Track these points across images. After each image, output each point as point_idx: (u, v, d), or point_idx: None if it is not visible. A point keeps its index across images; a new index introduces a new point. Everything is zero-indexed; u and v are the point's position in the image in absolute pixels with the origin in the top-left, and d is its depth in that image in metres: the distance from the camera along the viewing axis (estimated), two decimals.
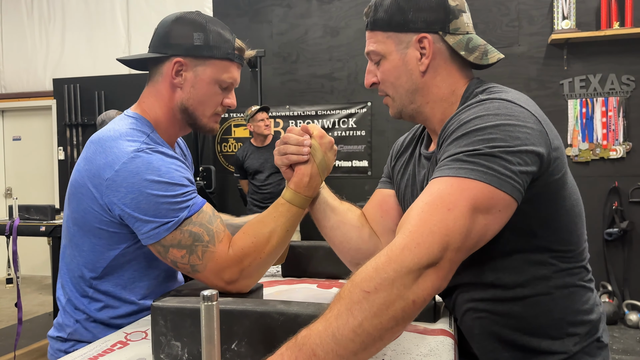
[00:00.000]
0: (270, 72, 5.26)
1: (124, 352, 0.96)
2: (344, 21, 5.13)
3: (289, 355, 0.72)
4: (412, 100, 1.05)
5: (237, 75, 1.21)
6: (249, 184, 4.55)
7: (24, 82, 6.24)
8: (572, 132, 4.53)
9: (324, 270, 1.54)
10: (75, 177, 1.14)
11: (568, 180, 0.95)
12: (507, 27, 4.66)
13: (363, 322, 0.71)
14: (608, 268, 4.40)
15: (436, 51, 1.01)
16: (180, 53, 1.15)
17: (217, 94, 1.19)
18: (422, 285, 0.74)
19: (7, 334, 4.09)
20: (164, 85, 1.18)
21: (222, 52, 1.16)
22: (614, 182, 4.43)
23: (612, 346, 3.67)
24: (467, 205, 0.78)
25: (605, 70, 4.45)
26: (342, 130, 5.16)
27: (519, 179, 0.82)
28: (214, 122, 1.24)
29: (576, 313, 0.97)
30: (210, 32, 1.15)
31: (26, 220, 3.27)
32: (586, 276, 1.00)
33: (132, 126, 1.14)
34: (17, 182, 6.49)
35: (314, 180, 1.11)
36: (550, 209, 0.92)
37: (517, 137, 0.83)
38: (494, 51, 1.04)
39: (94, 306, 1.16)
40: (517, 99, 0.90)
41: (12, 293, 5.33)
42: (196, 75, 1.16)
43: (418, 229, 0.76)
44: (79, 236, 1.14)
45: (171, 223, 1.04)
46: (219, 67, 1.17)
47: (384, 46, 1.03)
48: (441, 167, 0.85)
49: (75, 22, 6.01)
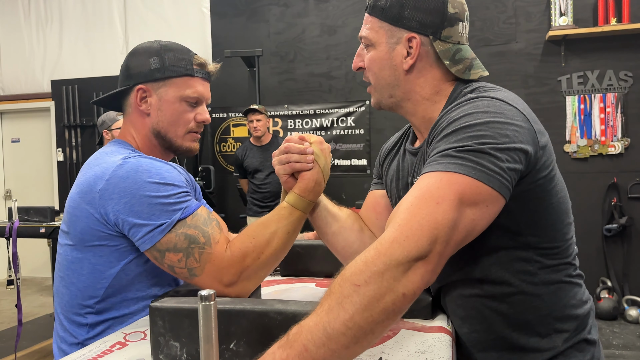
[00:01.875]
0: (268, 71, 5.26)
1: (123, 353, 0.97)
2: (341, 20, 5.13)
3: (280, 354, 0.72)
4: (392, 94, 1.05)
5: (202, 89, 1.23)
6: (249, 183, 4.55)
7: (22, 84, 6.23)
8: (570, 129, 4.53)
9: (323, 269, 1.54)
10: (69, 204, 1.14)
11: (556, 177, 0.95)
12: (504, 24, 4.66)
13: (354, 315, 0.72)
14: (607, 264, 4.40)
15: (423, 53, 1.01)
16: (141, 80, 1.19)
17: (185, 112, 1.21)
18: (411, 278, 0.74)
19: (8, 336, 4.10)
20: (135, 116, 1.22)
21: (180, 69, 1.19)
22: (613, 178, 4.43)
23: (612, 341, 3.67)
24: (455, 199, 0.79)
25: (603, 66, 4.45)
26: (341, 128, 5.16)
27: (507, 176, 0.82)
28: (190, 140, 1.25)
29: (563, 309, 0.97)
30: (165, 54, 1.19)
31: (26, 222, 3.27)
32: (573, 271, 1.00)
33: (116, 147, 1.18)
34: (16, 184, 6.49)
35: (319, 185, 1.12)
36: (537, 207, 0.93)
37: (506, 135, 0.84)
38: (479, 67, 1.03)
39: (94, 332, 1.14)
40: (505, 97, 0.91)
41: (12, 295, 5.33)
42: (160, 97, 1.19)
43: (407, 223, 0.77)
44: (78, 261, 1.12)
45: (165, 225, 1.03)
46: (180, 84, 1.19)
47: (375, 35, 1.03)
48: (431, 163, 0.86)
49: (73, 23, 6.01)
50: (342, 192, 5.07)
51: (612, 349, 3.53)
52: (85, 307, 1.14)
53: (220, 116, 5.47)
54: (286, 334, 0.74)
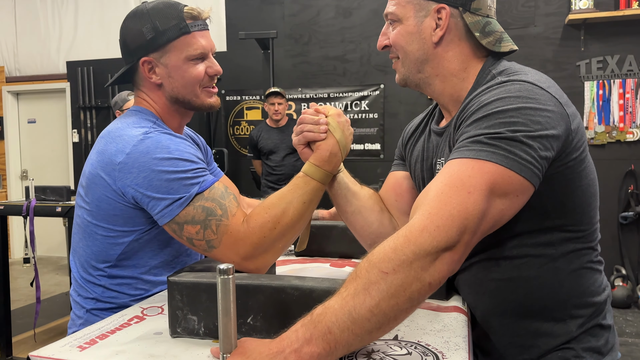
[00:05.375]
0: (282, 54, 5.23)
1: (140, 327, 0.98)
2: (356, 1, 5.07)
3: (304, 332, 0.73)
4: (420, 70, 1.03)
5: (203, 42, 1.20)
6: (263, 164, 4.54)
7: (38, 65, 6.28)
8: (588, 115, 4.47)
9: (337, 250, 1.55)
10: (87, 169, 1.16)
11: (587, 158, 0.94)
12: (523, 8, 4.58)
13: (380, 302, 0.72)
14: (622, 252, 4.37)
15: (452, 25, 0.99)
16: (142, 54, 1.19)
17: (195, 70, 1.19)
18: (438, 268, 0.74)
19: (25, 313, 4.18)
20: (148, 88, 1.23)
21: (174, 31, 1.17)
22: (630, 166, 4.37)
23: (626, 329, 3.65)
24: (486, 189, 0.78)
25: (623, 51, 4.37)
26: (355, 113, 5.13)
27: (538, 165, 0.81)
28: (208, 96, 1.24)
29: (581, 295, 0.96)
30: (155, 19, 1.16)
31: (42, 201, 3.31)
32: (595, 258, 0.98)
33: (137, 116, 1.19)
34: (32, 164, 6.58)
35: (335, 156, 1.10)
36: (566, 189, 0.91)
37: (538, 122, 0.82)
38: (509, 41, 1.02)
39: (108, 294, 1.19)
40: (537, 81, 0.89)
41: (28, 273, 5.44)
42: (166, 65, 1.19)
43: (438, 212, 0.76)
44: (93, 226, 1.16)
45: (183, 199, 1.05)
46: (180, 46, 1.18)
47: (403, 10, 1.01)
48: (460, 149, 0.84)
49: (88, 4, 6.02)
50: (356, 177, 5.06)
51: (625, 337, 3.51)
52: (97, 270, 1.19)
53: (234, 99, 5.46)
54: (310, 313, 0.75)
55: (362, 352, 0.83)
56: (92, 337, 0.92)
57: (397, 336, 0.90)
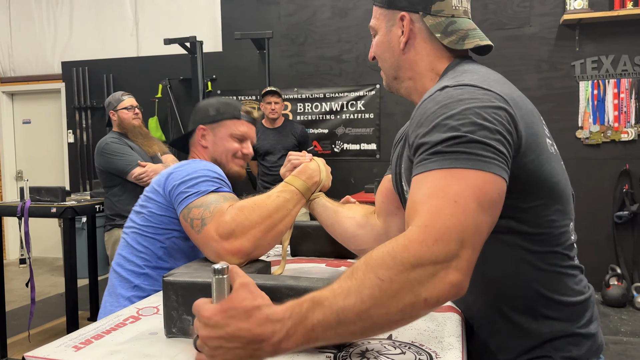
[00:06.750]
0: (278, 54, 5.24)
1: (135, 327, 0.98)
2: (352, 2, 5.08)
3: (290, 326, 0.71)
4: (396, 76, 1.09)
5: (247, 129, 1.61)
6: (259, 165, 4.54)
7: (32, 66, 6.26)
8: (583, 114, 4.49)
9: (333, 250, 1.55)
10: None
11: (544, 163, 0.91)
12: (518, 8, 4.59)
13: (370, 309, 0.71)
14: (617, 251, 4.39)
15: (415, 30, 1.03)
16: (201, 123, 1.61)
17: (232, 145, 1.59)
18: (437, 285, 0.72)
19: (20, 314, 4.17)
20: (198, 148, 1.62)
21: (229, 114, 1.60)
22: (625, 165, 4.39)
23: (621, 328, 3.67)
24: (469, 195, 0.76)
25: (617, 51, 4.39)
26: (351, 112, 5.14)
27: (501, 159, 0.80)
28: (237, 166, 1.62)
29: (551, 295, 0.94)
30: (220, 104, 1.61)
31: (37, 202, 3.30)
32: (563, 262, 0.96)
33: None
34: (27, 165, 6.56)
35: (315, 172, 1.34)
36: (520, 190, 0.89)
37: (486, 119, 0.81)
38: (476, 37, 1.01)
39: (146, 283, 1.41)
40: (480, 82, 0.88)
41: (23, 274, 5.42)
42: (215, 135, 1.60)
43: (433, 224, 0.74)
44: (136, 241, 1.40)
45: (201, 192, 1.29)
46: (230, 125, 1.59)
47: (377, 22, 1.09)
48: (424, 162, 0.82)
49: (83, 4, 6.01)
50: (351, 176, 5.07)
51: (620, 336, 3.53)
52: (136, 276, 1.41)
53: None
54: (305, 298, 0.73)
55: (357, 352, 0.83)
56: (88, 337, 0.92)
57: (391, 336, 0.90)
